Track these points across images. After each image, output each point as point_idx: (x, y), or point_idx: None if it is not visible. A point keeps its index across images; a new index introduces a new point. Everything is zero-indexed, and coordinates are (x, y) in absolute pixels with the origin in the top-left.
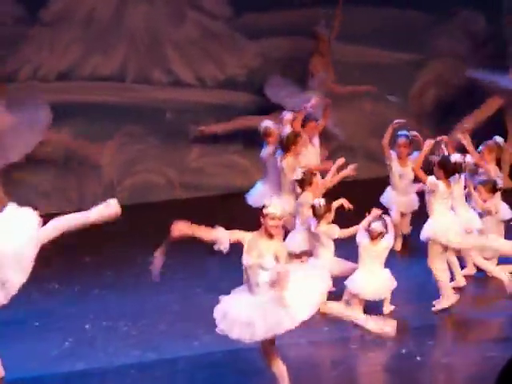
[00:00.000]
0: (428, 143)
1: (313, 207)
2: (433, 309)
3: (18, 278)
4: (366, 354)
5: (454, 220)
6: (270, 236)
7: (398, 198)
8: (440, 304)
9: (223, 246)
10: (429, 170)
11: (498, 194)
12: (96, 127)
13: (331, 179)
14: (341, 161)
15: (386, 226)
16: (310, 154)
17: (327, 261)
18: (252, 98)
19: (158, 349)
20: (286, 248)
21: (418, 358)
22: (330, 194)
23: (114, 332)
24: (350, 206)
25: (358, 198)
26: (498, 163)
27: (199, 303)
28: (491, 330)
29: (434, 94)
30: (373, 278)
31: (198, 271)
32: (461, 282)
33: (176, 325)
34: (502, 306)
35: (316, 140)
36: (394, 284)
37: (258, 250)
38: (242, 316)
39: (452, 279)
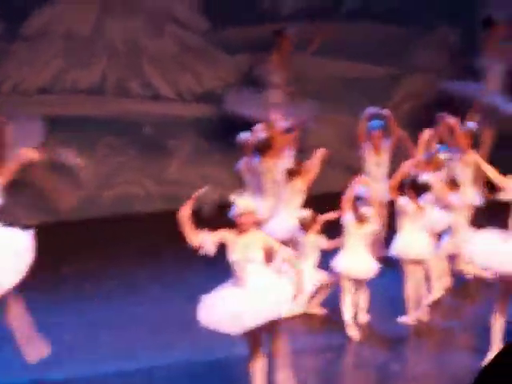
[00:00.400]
0: (407, 164)
1: (299, 219)
2: (398, 319)
3: (6, 280)
4: (343, 362)
5: (421, 237)
6: (243, 231)
7: (375, 186)
8: (403, 318)
9: (208, 249)
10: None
11: (463, 189)
12: (77, 139)
13: (314, 164)
14: (322, 151)
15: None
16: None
17: (307, 271)
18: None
19: (137, 358)
20: (269, 236)
21: (394, 368)
22: (311, 205)
23: (94, 342)
24: (337, 216)
25: (338, 209)
26: None
27: (178, 312)
28: (465, 340)
29: (410, 108)
30: (357, 258)
31: (177, 280)
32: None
33: (155, 334)
34: (476, 317)
35: (289, 152)
36: (376, 268)
37: (242, 245)
38: (229, 308)
39: None
